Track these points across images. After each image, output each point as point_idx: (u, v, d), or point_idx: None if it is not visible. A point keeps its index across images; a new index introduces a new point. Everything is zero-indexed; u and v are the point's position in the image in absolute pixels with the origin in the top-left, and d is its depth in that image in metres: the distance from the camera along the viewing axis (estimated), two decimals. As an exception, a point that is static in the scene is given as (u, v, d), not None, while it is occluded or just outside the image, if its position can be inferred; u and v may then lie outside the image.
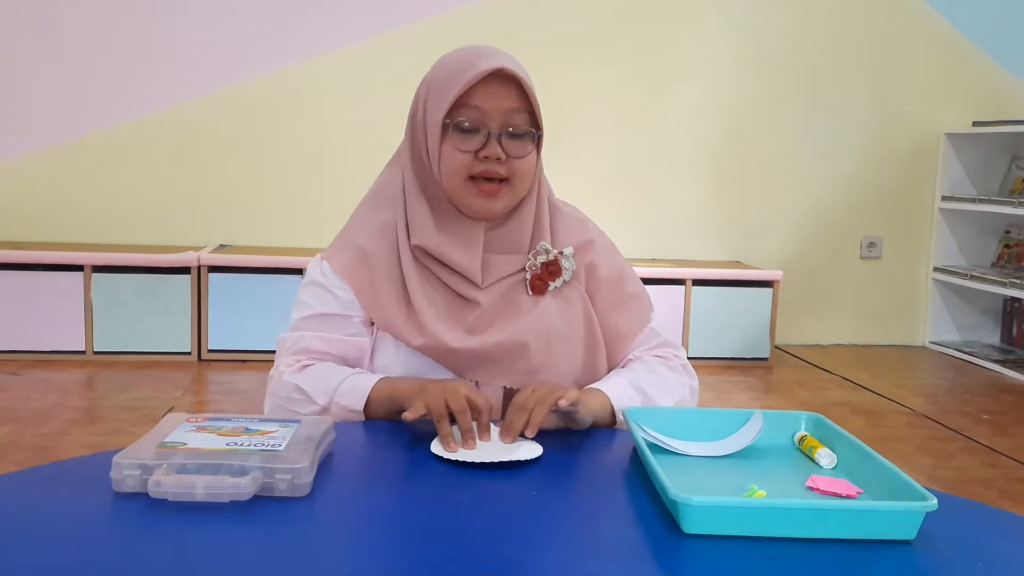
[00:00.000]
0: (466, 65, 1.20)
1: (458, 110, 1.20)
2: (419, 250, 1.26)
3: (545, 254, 1.28)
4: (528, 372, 1.24)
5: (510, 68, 1.20)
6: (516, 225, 1.29)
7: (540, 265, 1.28)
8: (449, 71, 1.23)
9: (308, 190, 4.10)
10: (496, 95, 1.20)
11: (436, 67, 1.27)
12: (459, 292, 1.26)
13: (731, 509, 0.86)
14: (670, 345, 1.37)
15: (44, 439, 2.73)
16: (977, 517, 0.99)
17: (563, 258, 1.29)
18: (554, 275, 1.29)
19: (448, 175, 1.23)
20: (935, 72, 4.53)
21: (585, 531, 0.88)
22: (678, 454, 1.07)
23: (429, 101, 1.24)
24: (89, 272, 3.68)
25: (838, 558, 0.82)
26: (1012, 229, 4.61)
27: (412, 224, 1.27)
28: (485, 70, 1.18)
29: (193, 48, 3.98)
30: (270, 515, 0.86)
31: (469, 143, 1.21)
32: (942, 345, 4.58)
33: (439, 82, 1.23)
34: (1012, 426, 3.31)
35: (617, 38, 4.22)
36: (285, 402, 1.23)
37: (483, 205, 1.24)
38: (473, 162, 1.21)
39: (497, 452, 1.02)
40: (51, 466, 1.02)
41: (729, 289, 4.10)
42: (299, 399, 1.21)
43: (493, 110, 1.20)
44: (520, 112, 1.22)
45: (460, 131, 1.21)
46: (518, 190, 1.25)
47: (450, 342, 1.21)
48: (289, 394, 1.22)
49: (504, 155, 1.21)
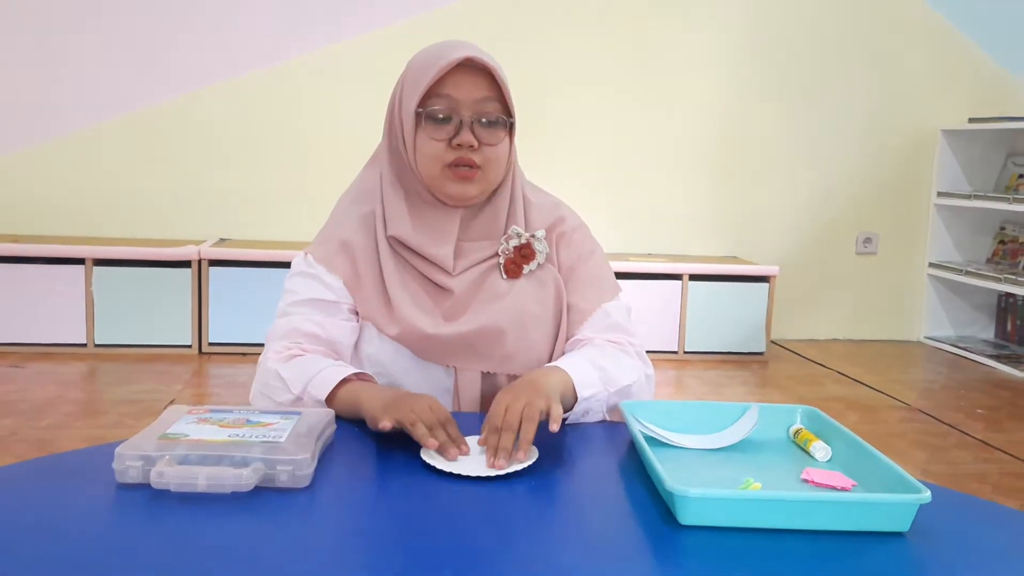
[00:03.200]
0: (437, 56, 1.23)
1: (431, 99, 1.23)
2: (394, 240, 1.29)
3: (517, 238, 1.30)
4: (504, 356, 1.26)
5: (479, 57, 1.22)
6: (490, 212, 1.31)
7: (513, 249, 1.30)
8: (422, 63, 1.25)
9: (308, 184, 4.10)
10: (467, 84, 1.23)
11: (411, 61, 1.30)
12: (433, 280, 1.28)
13: (727, 501, 0.87)
14: (624, 331, 1.33)
15: (45, 432, 2.73)
16: (970, 510, 1.00)
17: (535, 240, 1.31)
18: (528, 258, 1.31)
19: (423, 163, 1.25)
20: (931, 69, 4.53)
21: (582, 523, 0.89)
22: (674, 447, 1.08)
23: (404, 93, 1.27)
24: (90, 265, 3.68)
25: (832, 549, 0.83)
26: (1007, 225, 4.62)
27: (388, 215, 1.29)
28: (454, 60, 1.21)
29: (193, 42, 3.97)
30: (271, 506, 0.87)
31: (442, 132, 1.23)
32: (937, 340, 4.59)
33: (412, 75, 1.26)
34: (1006, 421, 3.33)
35: (613, 33, 4.23)
36: (264, 388, 1.23)
37: (459, 189, 1.25)
38: (447, 150, 1.23)
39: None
40: (53, 458, 1.02)
41: (725, 284, 4.12)
42: (277, 386, 1.21)
43: (464, 99, 1.23)
44: (491, 100, 1.24)
45: (433, 120, 1.23)
46: (491, 177, 1.27)
47: (425, 328, 1.23)
48: (269, 380, 1.22)
49: (477, 142, 1.23)
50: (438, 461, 0.99)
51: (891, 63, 4.49)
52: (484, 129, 1.24)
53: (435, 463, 0.98)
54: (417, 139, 1.25)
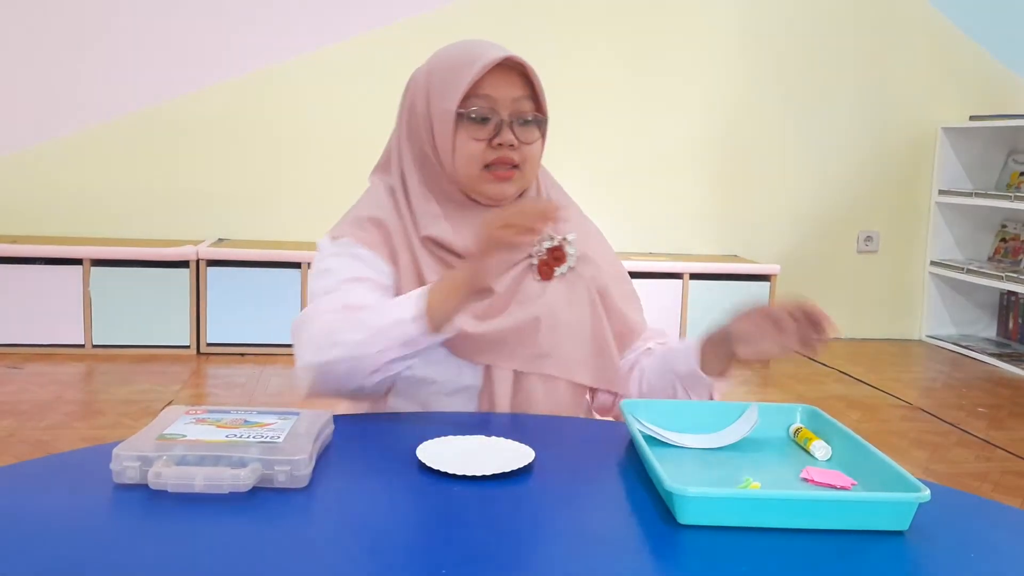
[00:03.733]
0: (475, 56, 1.22)
1: (469, 100, 1.22)
2: (430, 241, 1.27)
3: (549, 240, 1.30)
4: (538, 356, 1.26)
5: (518, 57, 1.22)
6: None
7: (546, 250, 1.30)
8: (455, 62, 1.24)
9: (306, 184, 4.10)
10: (505, 84, 1.23)
11: (435, 61, 1.28)
12: None
13: (726, 500, 0.86)
14: (662, 333, 1.40)
15: (44, 432, 2.73)
16: (970, 508, 1.00)
17: (567, 244, 1.31)
18: (559, 260, 1.31)
19: (463, 164, 1.24)
20: (932, 67, 4.53)
21: (581, 522, 0.89)
22: (674, 446, 1.07)
23: (433, 94, 1.25)
24: (88, 266, 3.68)
25: (832, 549, 0.83)
26: (1008, 223, 4.62)
27: (419, 217, 1.27)
28: (496, 58, 1.21)
29: (191, 42, 3.97)
30: (269, 506, 0.87)
31: (482, 131, 1.23)
32: (938, 339, 4.59)
33: (443, 75, 1.24)
34: (1007, 419, 3.32)
35: (614, 33, 4.22)
36: (329, 338, 1.14)
37: (497, 190, 1.25)
38: (487, 150, 1.23)
39: (489, 464, 0.99)
40: (51, 458, 1.02)
41: (726, 283, 4.12)
42: (345, 327, 1.14)
43: (503, 98, 1.23)
44: (526, 99, 1.24)
45: (473, 120, 1.22)
46: (528, 176, 1.28)
47: (463, 326, 1.21)
48: (333, 328, 1.14)
49: (516, 141, 1.23)
50: (436, 461, 0.98)
51: (891, 61, 4.49)
52: (521, 128, 1.24)
53: (433, 463, 0.98)
54: (456, 140, 1.23)
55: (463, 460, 0.99)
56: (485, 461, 0.99)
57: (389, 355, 1.13)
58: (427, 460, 0.98)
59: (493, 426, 1.16)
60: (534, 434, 1.08)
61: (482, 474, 0.96)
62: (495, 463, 0.98)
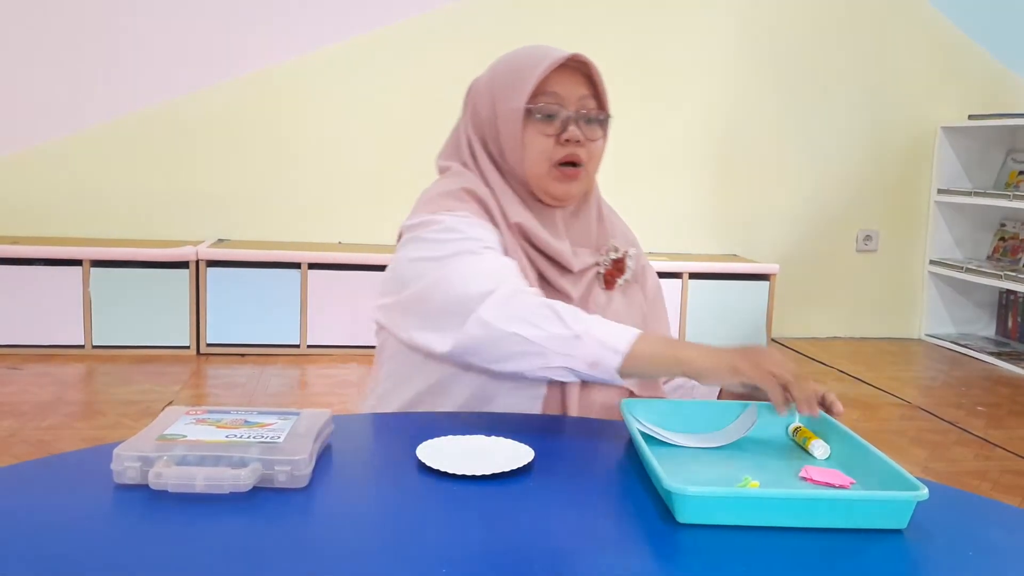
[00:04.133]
0: (540, 55, 1.25)
1: (537, 97, 1.24)
2: (517, 227, 1.26)
3: (615, 251, 1.33)
4: None
5: (584, 56, 1.25)
6: (584, 218, 1.34)
7: (611, 261, 1.33)
8: (520, 64, 1.26)
9: (305, 184, 4.10)
10: (570, 82, 1.26)
11: (497, 66, 1.30)
12: (549, 280, 1.27)
13: (725, 499, 0.87)
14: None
15: (44, 433, 2.74)
16: (968, 507, 1.00)
17: (628, 258, 1.35)
18: (620, 271, 1.34)
19: (532, 162, 1.25)
20: (930, 66, 4.53)
21: (580, 521, 0.89)
22: (673, 445, 1.07)
23: (499, 95, 1.27)
24: (87, 267, 3.68)
25: (830, 547, 0.83)
26: (1007, 222, 4.62)
27: (505, 205, 1.27)
28: (563, 56, 1.24)
29: (190, 42, 3.97)
30: (269, 506, 0.87)
31: (550, 128, 1.25)
32: (938, 338, 4.59)
33: (508, 76, 1.27)
34: (1007, 418, 3.33)
35: (614, 32, 4.22)
36: (530, 316, 1.10)
37: (563, 190, 1.27)
38: (555, 147, 1.24)
39: (489, 463, 0.99)
40: (52, 459, 1.02)
41: (726, 283, 4.12)
42: (549, 315, 1.10)
43: (569, 96, 1.25)
44: (590, 98, 1.28)
45: (541, 117, 1.24)
46: (592, 174, 1.31)
47: None
48: (537, 309, 1.11)
49: (583, 138, 1.25)
50: (436, 460, 0.99)
51: (890, 60, 4.49)
52: (587, 126, 1.26)
53: (433, 463, 0.98)
54: (525, 137, 1.25)
55: (463, 460, 1.00)
56: (485, 461, 0.99)
57: (568, 363, 1.10)
58: (427, 460, 0.99)
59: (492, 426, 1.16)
60: (533, 433, 1.08)
61: (482, 474, 0.96)
62: (495, 463, 0.98)
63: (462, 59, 4.27)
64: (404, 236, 1.26)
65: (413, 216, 1.26)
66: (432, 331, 1.16)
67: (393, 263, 1.27)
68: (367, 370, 3.63)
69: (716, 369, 1.06)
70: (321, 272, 3.80)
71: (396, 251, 1.28)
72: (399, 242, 1.29)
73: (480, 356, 1.13)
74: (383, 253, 3.87)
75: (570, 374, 1.12)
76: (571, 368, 1.10)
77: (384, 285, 1.28)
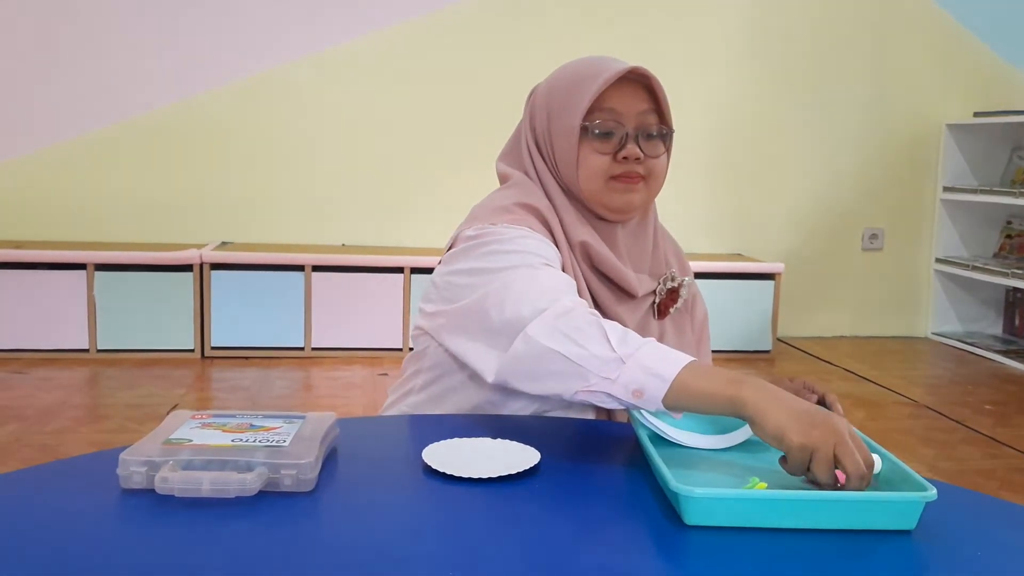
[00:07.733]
0: (598, 69, 1.20)
1: (593, 114, 1.20)
2: (580, 246, 1.23)
3: (672, 280, 1.32)
4: None
5: (643, 69, 1.21)
6: (642, 238, 1.32)
7: (667, 291, 1.31)
8: (577, 77, 1.22)
9: (310, 187, 4.10)
10: (629, 97, 1.21)
11: (555, 79, 1.26)
12: (604, 305, 1.24)
13: (732, 501, 0.86)
14: None
15: (49, 437, 2.74)
16: (977, 507, 0.99)
17: (683, 288, 1.33)
18: (673, 301, 1.32)
19: (588, 178, 1.22)
20: (936, 63, 4.52)
21: (586, 523, 0.89)
22: (680, 446, 1.07)
23: (554, 111, 1.23)
24: (92, 270, 3.69)
25: (838, 549, 0.83)
26: (1013, 220, 4.61)
27: (567, 225, 1.24)
28: (621, 70, 1.19)
29: (195, 45, 3.98)
30: (275, 510, 0.87)
31: (607, 145, 1.21)
32: (944, 336, 4.58)
33: (564, 91, 1.23)
34: (1014, 416, 3.32)
35: (614, 32, 4.22)
36: (574, 333, 1.00)
37: (623, 200, 1.23)
38: (612, 164, 1.21)
39: (495, 466, 0.99)
40: (58, 463, 1.02)
41: (731, 282, 4.11)
42: (595, 334, 0.99)
43: (628, 112, 1.21)
44: (651, 113, 1.23)
45: (598, 134, 1.21)
46: (653, 189, 1.27)
47: None
48: (584, 327, 1.00)
49: (642, 155, 1.22)
50: (442, 463, 0.98)
51: (895, 58, 4.48)
52: (647, 142, 1.23)
53: (439, 466, 0.98)
54: (580, 154, 1.21)
55: (469, 462, 0.99)
56: (491, 463, 0.99)
57: (607, 388, 0.97)
58: (433, 463, 0.98)
59: (499, 428, 1.16)
60: (540, 436, 1.08)
61: (488, 476, 0.96)
62: (501, 465, 0.98)
63: (465, 61, 4.30)
64: (459, 245, 1.20)
65: (469, 225, 1.21)
66: (481, 344, 1.10)
67: (443, 271, 1.21)
68: (371, 372, 3.63)
69: (772, 412, 0.90)
70: (325, 274, 3.80)
71: (446, 259, 1.22)
72: (450, 249, 1.23)
73: (519, 376, 1.04)
74: (387, 255, 3.87)
75: (611, 400, 0.99)
76: (611, 394, 0.98)
77: (432, 292, 1.23)
